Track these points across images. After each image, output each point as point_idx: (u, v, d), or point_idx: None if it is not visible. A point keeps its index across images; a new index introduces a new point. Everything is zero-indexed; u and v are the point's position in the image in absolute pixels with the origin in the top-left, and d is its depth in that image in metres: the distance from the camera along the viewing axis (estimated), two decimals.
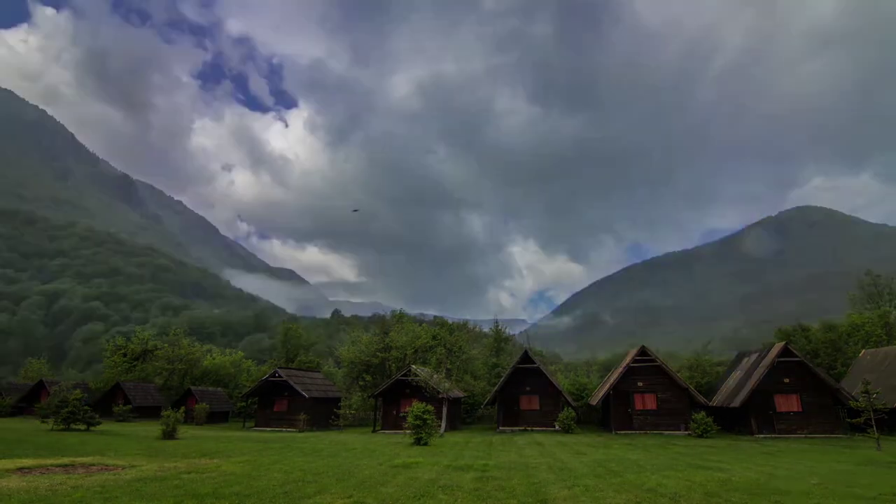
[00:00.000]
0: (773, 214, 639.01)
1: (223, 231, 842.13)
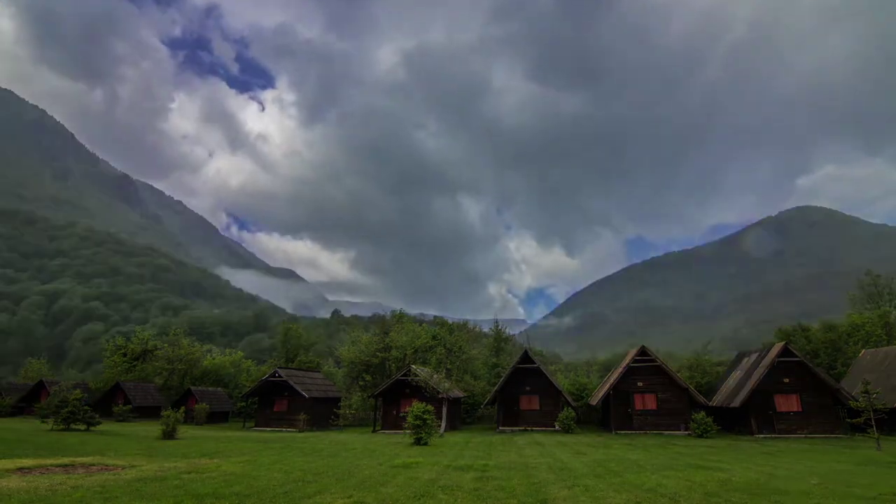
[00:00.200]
0: (773, 214, 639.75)
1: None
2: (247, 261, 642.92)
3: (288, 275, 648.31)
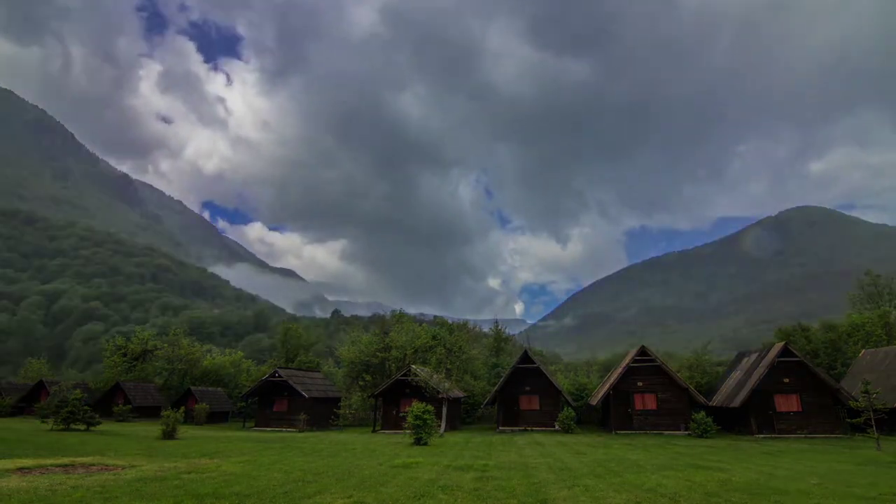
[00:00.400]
0: (772, 214, 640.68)
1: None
2: (246, 260, 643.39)
3: (287, 274, 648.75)
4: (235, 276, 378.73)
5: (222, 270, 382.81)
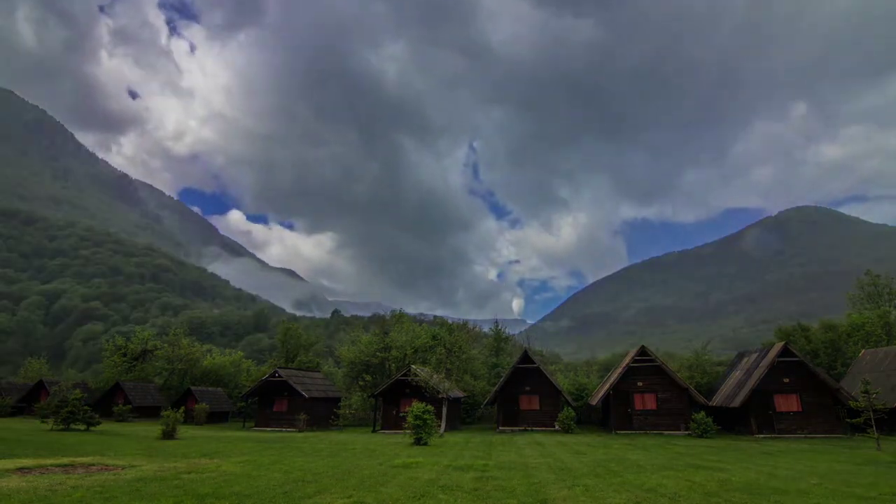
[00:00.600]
0: (772, 214, 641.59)
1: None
2: (245, 256, 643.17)
3: (286, 272, 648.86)
4: (234, 273, 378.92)
5: (220, 268, 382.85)
